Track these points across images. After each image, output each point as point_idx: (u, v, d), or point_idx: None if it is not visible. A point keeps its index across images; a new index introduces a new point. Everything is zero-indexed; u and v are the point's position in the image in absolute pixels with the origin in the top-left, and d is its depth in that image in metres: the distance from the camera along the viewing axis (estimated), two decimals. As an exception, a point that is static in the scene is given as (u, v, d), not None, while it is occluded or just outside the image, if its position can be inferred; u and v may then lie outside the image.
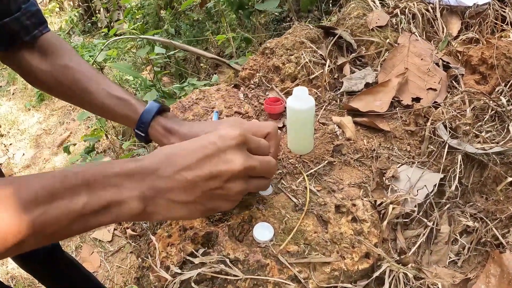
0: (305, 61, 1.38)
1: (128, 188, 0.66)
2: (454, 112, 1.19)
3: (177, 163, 0.69)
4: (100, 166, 0.67)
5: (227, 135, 0.72)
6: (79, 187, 0.63)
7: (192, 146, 0.72)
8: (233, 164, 0.71)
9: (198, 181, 0.69)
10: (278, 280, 0.82)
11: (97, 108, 1.06)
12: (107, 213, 0.66)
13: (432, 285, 0.91)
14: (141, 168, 0.68)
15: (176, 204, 0.71)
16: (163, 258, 0.90)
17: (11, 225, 0.57)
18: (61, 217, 0.61)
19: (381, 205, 0.99)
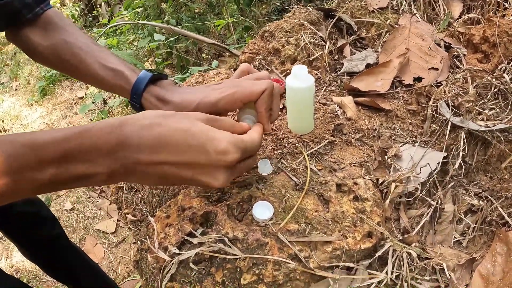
0: (305, 43, 1.36)
1: (101, 164, 0.67)
2: (456, 90, 1.16)
3: (161, 155, 0.68)
4: (79, 137, 0.66)
5: (226, 150, 0.69)
6: (50, 160, 0.63)
7: (186, 143, 0.69)
8: (216, 183, 0.72)
9: (175, 177, 0.71)
10: (278, 258, 0.81)
11: (95, 81, 1.07)
12: (76, 182, 0.67)
13: (437, 265, 0.90)
14: (124, 144, 0.67)
15: (147, 178, 0.73)
16: (161, 239, 0.89)
17: None
18: (28, 185, 0.63)
19: (383, 184, 0.98)
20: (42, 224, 1.74)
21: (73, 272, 1.96)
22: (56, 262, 1.87)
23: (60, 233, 1.84)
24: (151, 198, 1.19)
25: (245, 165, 0.80)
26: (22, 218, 1.65)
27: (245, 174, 0.99)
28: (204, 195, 0.94)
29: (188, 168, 0.70)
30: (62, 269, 1.93)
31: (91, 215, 3.02)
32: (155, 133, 0.68)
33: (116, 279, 2.47)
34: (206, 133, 0.70)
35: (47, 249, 1.80)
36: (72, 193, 3.26)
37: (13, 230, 1.69)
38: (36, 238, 1.74)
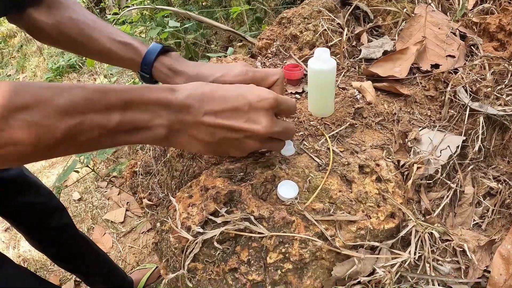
0: (323, 29, 1.36)
1: (160, 116, 0.71)
2: (474, 76, 1.17)
3: (209, 106, 0.72)
4: (141, 90, 0.70)
5: (262, 95, 0.75)
6: (116, 105, 0.67)
7: (228, 94, 0.75)
8: (258, 126, 0.75)
9: (221, 128, 0.74)
10: (305, 236, 0.81)
11: (103, 55, 1.07)
12: (136, 134, 0.71)
13: (458, 247, 0.90)
14: (175, 101, 0.72)
15: (196, 140, 0.75)
16: (183, 219, 0.89)
17: (47, 129, 0.61)
18: (94, 129, 0.65)
19: (404, 166, 0.98)
20: (50, 214, 1.74)
21: (82, 262, 1.96)
22: (64, 251, 1.87)
23: (68, 223, 1.84)
24: (170, 180, 1.19)
25: (273, 144, 0.83)
26: (30, 208, 1.65)
27: (268, 154, 0.99)
28: (227, 175, 0.94)
29: (232, 116, 0.73)
30: (71, 259, 1.93)
31: (99, 205, 3.02)
32: (204, 89, 0.75)
33: (125, 269, 2.47)
34: (246, 87, 0.78)
35: (56, 239, 1.80)
36: (80, 183, 3.26)
37: (21, 220, 1.69)
38: (45, 228, 1.74)
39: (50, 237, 1.78)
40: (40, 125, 0.60)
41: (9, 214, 1.63)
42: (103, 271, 2.06)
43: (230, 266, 0.81)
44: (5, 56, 6.05)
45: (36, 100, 0.60)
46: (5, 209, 1.59)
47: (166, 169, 1.22)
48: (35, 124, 0.60)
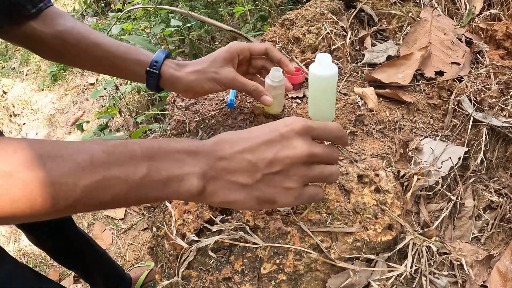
0: (326, 32, 1.35)
1: (189, 164, 0.65)
2: (479, 86, 1.15)
3: (239, 145, 0.68)
4: (162, 142, 0.67)
5: (289, 122, 0.70)
6: (140, 158, 0.62)
7: (255, 132, 0.71)
8: (297, 150, 0.68)
9: (259, 163, 0.67)
10: (300, 248, 0.80)
11: (107, 61, 1.07)
12: (166, 188, 0.64)
13: (455, 261, 0.89)
14: (203, 148, 0.68)
15: (235, 185, 0.68)
16: (179, 226, 0.88)
17: (63, 187, 0.56)
18: (117, 184, 0.59)
19: (404, 177, 0.97)
20: None
21: (80, 258, 1.96)
22: (62, 248, 1.87)
23: (67, 218, 1.83)
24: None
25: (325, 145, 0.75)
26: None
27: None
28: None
29: (266, 147, 0.68)
30: (69, 255, 1.93)
31: (100, 201, 3.02)
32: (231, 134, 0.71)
33: (124, 266, 2.47)
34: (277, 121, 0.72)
35: (54, 235, 1.79)
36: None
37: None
38: (43, 224, 1.73)
39: (49, 233, 1.78)
40: (57, 183, 0.55)
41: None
42: (102, 268, 2.06)
43: (224, 275, 0.81)
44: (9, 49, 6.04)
45: (51, 157, 0.56)
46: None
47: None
48: (51, 183, 0.55)
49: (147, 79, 1.05)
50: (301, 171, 0.69)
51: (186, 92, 1.06)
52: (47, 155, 0.56)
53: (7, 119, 4.36)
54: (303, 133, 0.69)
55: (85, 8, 5.81)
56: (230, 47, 1.02)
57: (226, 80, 1.00)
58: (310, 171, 0.71)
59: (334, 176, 0.74)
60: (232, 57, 1.02)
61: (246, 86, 1.00)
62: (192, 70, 1.02)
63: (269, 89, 1.03)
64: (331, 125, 0.74)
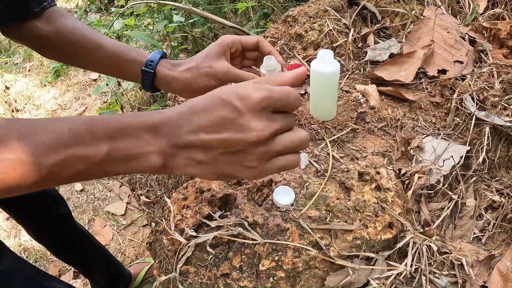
0: (329, 29, 1.34)
1: (149, 143, 0.65)
2: (481, 84, 1.14)
3: (195, 123, 0.65)
4: (126, 117, 0.66)
5: (248, 97, 0.64)
6: (102, 136, 0.62)
7: (210, 103, 0.66)
8: (253, 132, 0.63)
9: (214, 143, 0.64)
10: (299, 245, 0.79)
11: (106, 60, 1.08)
12: (127, 165, 0.65)
13: (456, 260, 0.88)
14: (164, 122, 0.66)
15: (193, 162, 0.67)
16: (177, 221, 0.87)
17: (30, 166, 0.58)
18: (80, 163, 0.61)
19: (405, 175, 0.96)
20: (49, 205, 1.73)
21: (79, 254, 1.96)
22: (62, 243, 1.86)
23: (66, 214, 1.83)
24: (167, 179, 1.18)
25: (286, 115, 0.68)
26: (28, 199, 1.64)
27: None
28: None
29: (219, 127, 0.64)
30: (68, 251, 1.92)
31: (101, 196, 3.02)
32: (186, 105, 0.68)
33: (124, 262, 2.46)
34: (225, 88, 0.67)
35: (53, 230, 1.79)
36: (82, 174, 3.25)
37: (19, 211, 1.68)
38: (42, 219, 1.73)
39: (48, 228, 1.78)
40: (24, 163, 0.58)
41: (6, 203, 1.62)
42: (101, 263, 2.06)
43: (222, 272, 0.80)
44: (12, 45, 6.05)
45: (19, 137, 0.59)
46: (2, 199, 1.58)
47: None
48: (19, 162, 0.58)
49: (142, 78, 1.04)
50: (262, 150, 0.65)
51: (182, 91, 1.05)
52: (16, 135, 0.59)
53: (10, 114, 4.36)
54: (261, 108, 0.64)
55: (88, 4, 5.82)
56: (221, 41, 1.01)
57: (221, 73, 0.98)
58: (273, 147, 0.66)
59: (304, 143, 0.69)
60: (224, 50, 1.00)
61: (241, 77, 0.97)
62: (186, 68, 1.01)
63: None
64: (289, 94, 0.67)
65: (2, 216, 2.99)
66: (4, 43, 6.03)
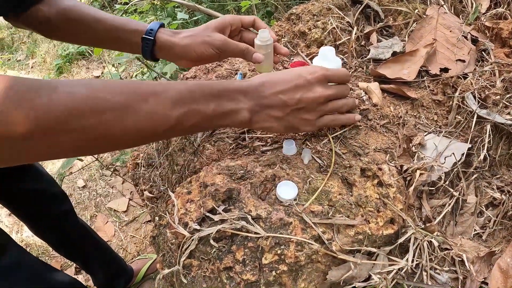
0: (332, 27, 1.35)
1: (242, 101, 0.86)
2: (483, 83, 1.15)
3: (276, 87, 0.88)
4: (225, 83, 0.86)
5: (313, 71, 0.90)
6: (211, 96, 0.82)
7: (288, 76, 0.90)
8: (316, 94, 0.89)
9: (289, 102, 0.88)
10: (302, 239, 0.80)
11: (108, 34, 1.16)
12: (227, 118, 0.85)
13: (456, 257, 0.89)
14: (251, 88, 0.87)
15: (271, 117, 0.89)
16: (181, 215, 0.88)
17: (163, 117, 0.75)
18: (197, 115, 0.80)
19: (407, 171, 0.97)
20: (51, 201, 1.73)
21: (81, 250, 1.97)
22: (64, 239, 1.87)
23: (69, 210, 1.83)
24: (171, 174, 1.18)
25: (338, 86, 0.95)
26: (30, 194, 1.65)
27: (269, 153, 0.98)
28: (227, 173, 0.93)
29: (294, 90, 0.88)
30: (70, 247, 1.93)
31: (103, 193, 3.03)
32: (267, 76, 0.91)
33: (126, 258, 2.47)
34: (302, 68, 0.94)
35: (55, 226, 1.80)
36: (85, 171, 3.27)
37: (20, 206, 1.69)
38: (44, 215, 1.74)
39: (50, 224, 1.78)
40: (158, 114, 0.74)
41: (8, 200, 1.63)
42: (103, 259, 2.07)
43: (225, 265, 0.81)
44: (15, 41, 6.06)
45: (152, 93, 0.75)
46: (4, 195, 1.59)
47: (168, 163, 1.22)
48: (154, 113, 0.74)
49: (142, 46, 1.13)
50: (318, 108, 0.92)
51: (180, 58, 1.13)
52: (148, 91, 0.75)
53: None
54: (322, 80, 0.91)
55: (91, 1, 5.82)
56: (222, 19, 1.12)
57: (219, 42, 1.08)
58: (325, 107, 0.93)
59: (345, 107, 0.98)
60: (225, 26, 1.11)
61: (239, 46, 1.09)
62: (186, 35, 1.10)
63: (258, 49, 1.09)
64: (341, 72, 0.96)
65: (4, 212, 3.00)
66: (7, 40, 6.04)
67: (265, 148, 1.03)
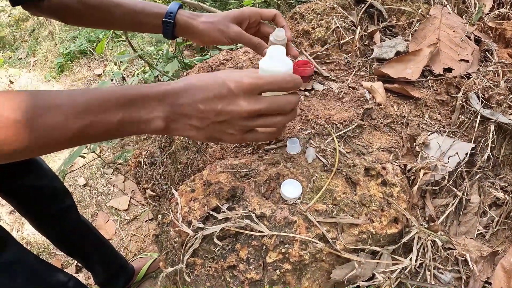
0: (336, 26, 1.35)
1: (157, 109, 0.80)
2: (487, 83, 1.15)
3: (196, 95, 0.80)
4: (141, 87, 0.80)
5: (241, 80, 0.79)
6: (119, 104, 0.76)
7: (212, 82, 0.81)
8: (239, 108, 0.79)
9: (209, 113, 0.80)
10: (306, 238, 0.80)
11: (128, 17, 1.19)
12: (136, 127, 0.79)
13: (460, 256, 0.89)
14: (170, 93, 0.80)
15: (190, 127, 0.82)
16: (185, 213, 0.88)
17: (63, 130, 0.71)
18: (100, 126, 0.75)
19: (410, 171, 0.97)
20: (53, 197, 1.73)
21: (82, 247, 1.96)
22: (65, 235, 1.87)
23: (71, 205, 1.83)
24: (174, 173, 1.18)
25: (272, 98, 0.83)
26: (32, 190, 1.65)
27: (273, 152, 0.98)
28: (231, 171, 0.93)
29: (215, 101, 0.80)
30: (71, 243, 1.93)
31: (104, 191, 3.02)
32: (190, 80, 0.82)
33: (127, 256, 2.47)
34: (225, 72, 0.84)
35: (57, 222, 1.79)
36: (86, 169, 3.27)
37: (23, 202, 1.68)
38: (46, 211, 1.74)
39: (51, 220, 1.78)
40: (56, 128, 0.71)
41: (10, 196, 1.63)
42: (104, 257, 2.06)
43: (229, 264, 0.81)
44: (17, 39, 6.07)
45: (51, 107, 0.71)
46: (6, 191, 1.59)
47: (171, 161, 1.21)
48: (53, 128, 0.71)
49: (163, 28, 1.17)
50: (243, 123, 0.82)
51: (196, 38, 1.18)
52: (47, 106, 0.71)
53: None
54: (250, 91, 0.80)
55: None
56: (243, 10, 1.13)
57: (234, 34, 1.10)
58: (253, 122, 0.82)
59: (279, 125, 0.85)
60: (243, 19, 1.12)
61: (252, 39, 1.10)
62: (204, 20, 1.13)
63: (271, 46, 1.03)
64: (278, 78, 0.82)
65: (6, 210, 3.00)
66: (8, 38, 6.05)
67: (269, 147, 1.03)
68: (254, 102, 0.80)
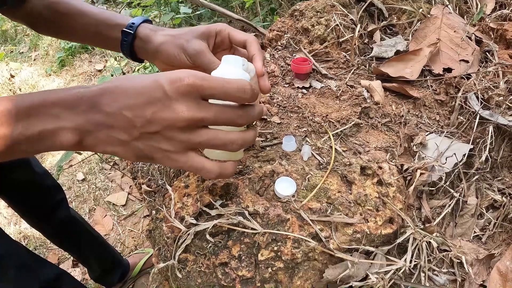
0: (335, 24, 1.34)
1: (64, 119, 0.63)
2: (486, 84, 1.14)
3: (120, 99, 0.63)
4: (47, 93, 0.64)
5: (179, 81, 0.62)
6: (20, 115, 0.61)
7: (141, 84, 0.64)
8: (176, 114, 0.62)
9: (136, 122, 0.63)
10: (299, 236, 0.79)
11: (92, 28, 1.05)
12: (41, 142, 0.63)
13: (455, 258, 0.88)
14: (85, 98, 0.64)
15: (113, 140, 0.65)
16: (178, 209, 0.87)
17: None
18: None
19: (407, 171, 0.96)
20: (44, 193, 1.73)
21: (75, 241, 1.97)
22: (57, 230, 1.87)
23: (61, 200, 1.83)
24: (169, 168, 1.17)
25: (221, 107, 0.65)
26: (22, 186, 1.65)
27: (269, 149, 0.97)
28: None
29: (145, 106, 0.62)
30: (64, 238, 1.93)
31: (103, 186, 3.02)
32: (114, 82, 0.66)
33: (124, 252, 2.47)
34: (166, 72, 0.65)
35: (48, 217, 1.79)
36: (85, 164, 3.26)
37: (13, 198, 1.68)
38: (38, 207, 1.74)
39: (42, 215, 1.78)
40: None
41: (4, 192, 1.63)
42: (97, 252, 2.06)
43: (221, 260, 0.80)
44: (19, 34, 6.07)
45: None
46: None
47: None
48: None
49: (122, 41, 1.00)
50: (182, 136, 0.64)
51: (155, 58, 0.98)
52: None
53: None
54: (190, 93, 0.63)
55: (95, -5, 5.81)
56: (210, 26, 0.93)
57: (194, 51, 0.89)
58: (194, 137, 0.65)
59: (231, 145, 0.67)
60: (210, 34, 0.92)
61: (212, 61, 0.88)
62: (165, 33, 0.95)
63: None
64: (229, 82, 0.64)
65: (3, 204, 3.00)
66: (10, 32, 6.05)
67: (264, 144, 1.02)
68: (196, 108, 0.63)
